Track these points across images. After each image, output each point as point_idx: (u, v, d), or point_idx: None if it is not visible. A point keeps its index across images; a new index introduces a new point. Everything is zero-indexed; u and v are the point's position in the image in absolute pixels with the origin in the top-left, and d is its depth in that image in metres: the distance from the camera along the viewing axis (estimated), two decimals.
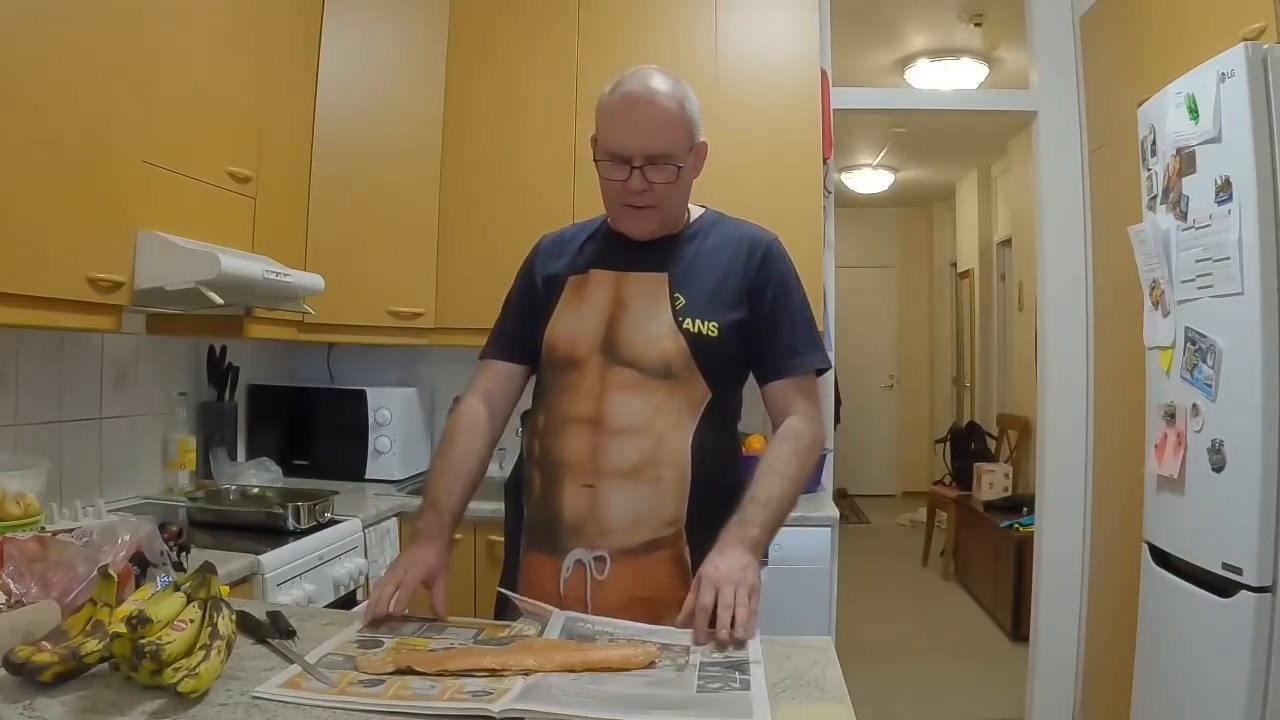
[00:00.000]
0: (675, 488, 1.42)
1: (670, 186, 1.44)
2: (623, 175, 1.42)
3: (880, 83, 4.88)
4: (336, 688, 1.04)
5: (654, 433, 1.42)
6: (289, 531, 2.14)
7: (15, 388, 2.02)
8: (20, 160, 1.58)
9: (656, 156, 1.42)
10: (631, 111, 1.41)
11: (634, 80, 1.43)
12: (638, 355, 1.44)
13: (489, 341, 1.62)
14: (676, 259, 1.50)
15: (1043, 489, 3.21)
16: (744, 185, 2.87)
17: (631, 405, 1.42)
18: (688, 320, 1.45)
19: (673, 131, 1.43)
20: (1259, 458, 1.75)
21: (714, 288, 1.48)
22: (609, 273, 1.50)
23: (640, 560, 1.41)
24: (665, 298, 1.46)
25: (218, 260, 1.89)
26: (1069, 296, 3.16)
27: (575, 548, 1.42)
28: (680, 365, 1.43)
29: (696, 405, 1.45)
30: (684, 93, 1.46)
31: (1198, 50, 2.01)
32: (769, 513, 1.38)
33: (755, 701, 1.01)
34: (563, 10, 2.95)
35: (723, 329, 1.45)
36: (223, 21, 2.18)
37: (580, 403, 1.44)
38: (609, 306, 1.47)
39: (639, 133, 1.41)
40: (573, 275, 1.52)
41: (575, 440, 1.43)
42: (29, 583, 1.23)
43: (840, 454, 3.55)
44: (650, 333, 1.44)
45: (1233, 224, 1.81)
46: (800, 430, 1.49)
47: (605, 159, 1.44)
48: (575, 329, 1.48)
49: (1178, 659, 2.01)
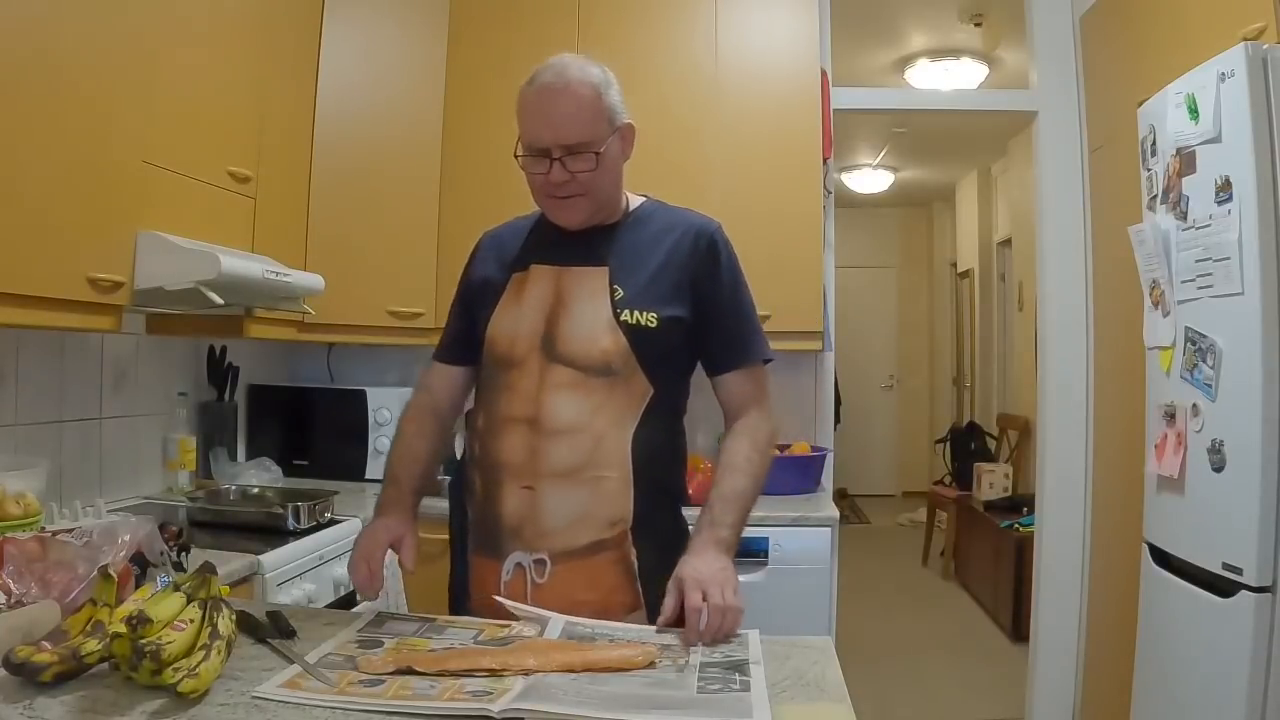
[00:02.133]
0: (617, 488, 1.40)
1: (593, 174, 1.42)
2: (544, 168, 1.41)
3: (880, 83, 4.88)
4: (337, 688, 1.04)
5: (593, 432, 1.40)
6: (289, 531, 2.14)
7: (15, 388, 2.02)
8: (20, 160, 1.58)
9: (575, 146, 1.40)
10: (546, 103, 1.40)
11: (547, 71, 1.42)
12: (576, 353, 1.42)
13: (440, 342, 1.64)
14: (616, 250, 1.48)
15: (1043, 489, 3.21)
16: (744, 185, 2.88)
17: (570, 405, 1.40)
18: (625, 311, 1.42)
19: (589, 119, 1.40)
20: (1259, 458, 1.75)
21: (653, 278, 1.46)
22: (549, 268, 1.48)
23: (583, 562, 1.39)
24: (605, 292, 1.44)
25: (218, 260, 1.89)
26: (1069, 296, 3.16)
27: (514, 550, 1.40)
28: (620, 362, 1.41)
29: (638, 403, 1.43)
30: (600, 78, 1.43)
31: (1198, 50, 2.01)
32: (736, 512, 1.39)
33: (755, 702, 1.01)
34: (563, 10, 2.94)
35: (662, 320, 1.43)
36: (223, 21, 2.17)
37: (518, 403, 1.43)
38: (548, 303, 1.45)
39: (554, 124, 1.39)
40: (515, 272, 1.50)
41: (513, 441, 1.42)
42: (29, 583, 1.23)
43: (840, 454, 3.55)
44: (589, 329, 1.42)
45: (1233, 224, 1.81)
46: (757, 425, 1.49)
47: (526, 153, 1.43)
48: (515, 327, 1.46)
49: (1178, 659, 2.01)
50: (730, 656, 1.16)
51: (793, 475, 2.85)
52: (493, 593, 1.40)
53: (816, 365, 3.22)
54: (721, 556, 1.32)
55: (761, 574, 2.51)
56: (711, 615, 1.22)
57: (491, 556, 1.43)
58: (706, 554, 1.31)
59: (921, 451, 8.05)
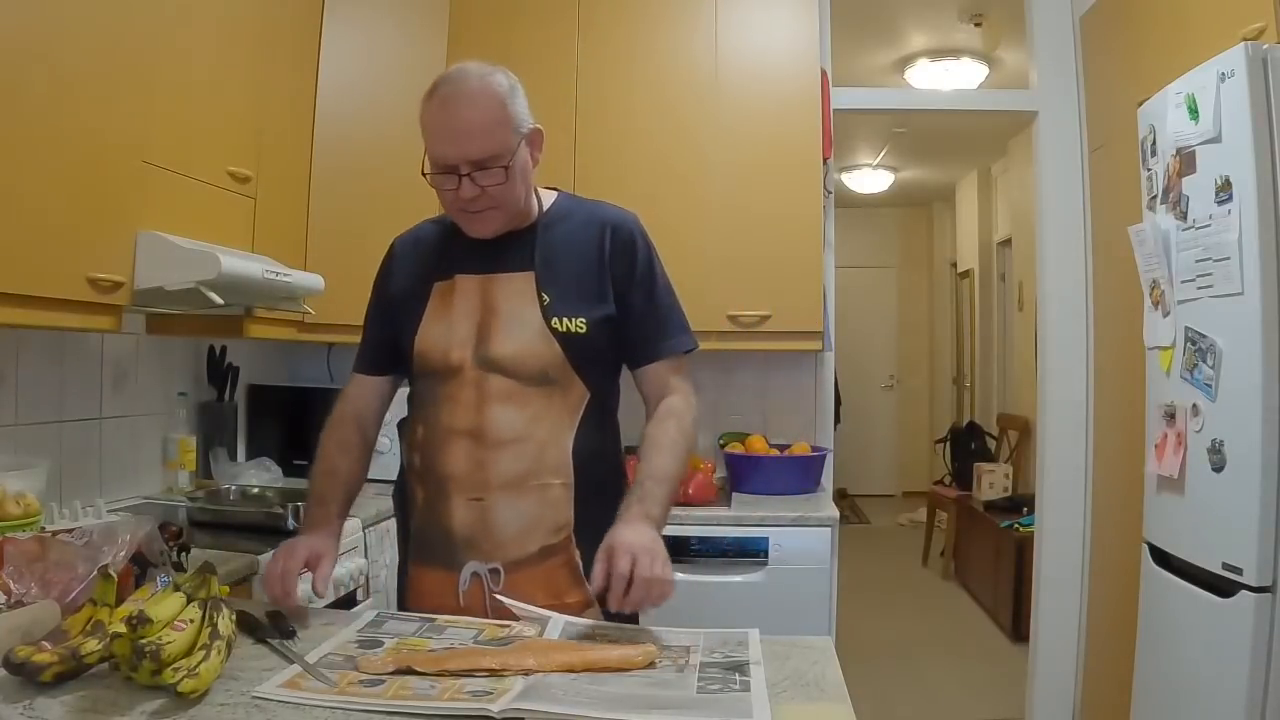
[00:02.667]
0: (561, 494, 1.42)
1: (503, 186, 1.40)
2: (452, 185, 1.39)
3: (880, 83, 4.88)
4: (336, 688, 1.04)
5: (536, 441, 1.42)
6: (289, 531, 2.13)
7: (15, 388, 2.02)
8: (20, 160, 1.58)
9: (483, 161, 1.37)
10: (449, 118, 1.37)
11: (446, 84, 1.38)
12: (512, 363, 1.42)
13: (357, 352, 1.62)
14: (538, 254, 1.47)
15: (1043, 489, 3.21)
16: (744, 185, 2.88)
17: (511, 415, 1.41)
18: (555, 319, 1.43)
19: (494, 132, 1.38)
20: (1259, 458, 1.75)
21: (576, 281, 1.46)
22: (474, 277, 1.47)
23: (535, 569, 1.41)
24: (533, 298, 1.44)
25: (218, 260, 1.89)
26: (1069, 296, 3.16)
27: (470, 560, 1.42)
28: (557, 370, 1.43)
29: (576, 407, 1.45)
30: (504, 86, 1.40)
31: (1198, 50, 2.01)
32: (664, 490, 1.40)
33: (755, 702, 1.01)
34: (563, 10, 2.95)
35: (590, 324, 1.44)
36: (223, 21, 2.17)
37: (459, 414, 1.43)
38: (478, 313, 1.45)
39: (459, 140, 1.36)
40: (438, 281, 1.49)
41: (458, 454, 1.42)
42: (29, 583, 1.23)
43: (840, 454, 3.55)
44: (522, 338, 1.43)
45: (1233, 224, 1.81)
46: (681, 409, 1.50)
47: (433, 170, 1.40)
48: (447, 338, 1.45)
49: (1178, 659, 2.01)
50: (730, 657, 1.16)
51: (793, 475, 2.85)
52: (445, 604, 1.41)
53: (816, 365, 3.23)
54: (651, 529, 1.32)
55: (761, 574, 2.51)
56: (637, 584, 1.23)
57: (443, 567, 1.44)
58: (637, 525, 1.31)
59: (921, 451, 8.05)
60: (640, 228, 1.54)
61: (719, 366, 3.14)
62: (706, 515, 2.56)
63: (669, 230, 3.04)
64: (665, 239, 1.58)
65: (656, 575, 1.25)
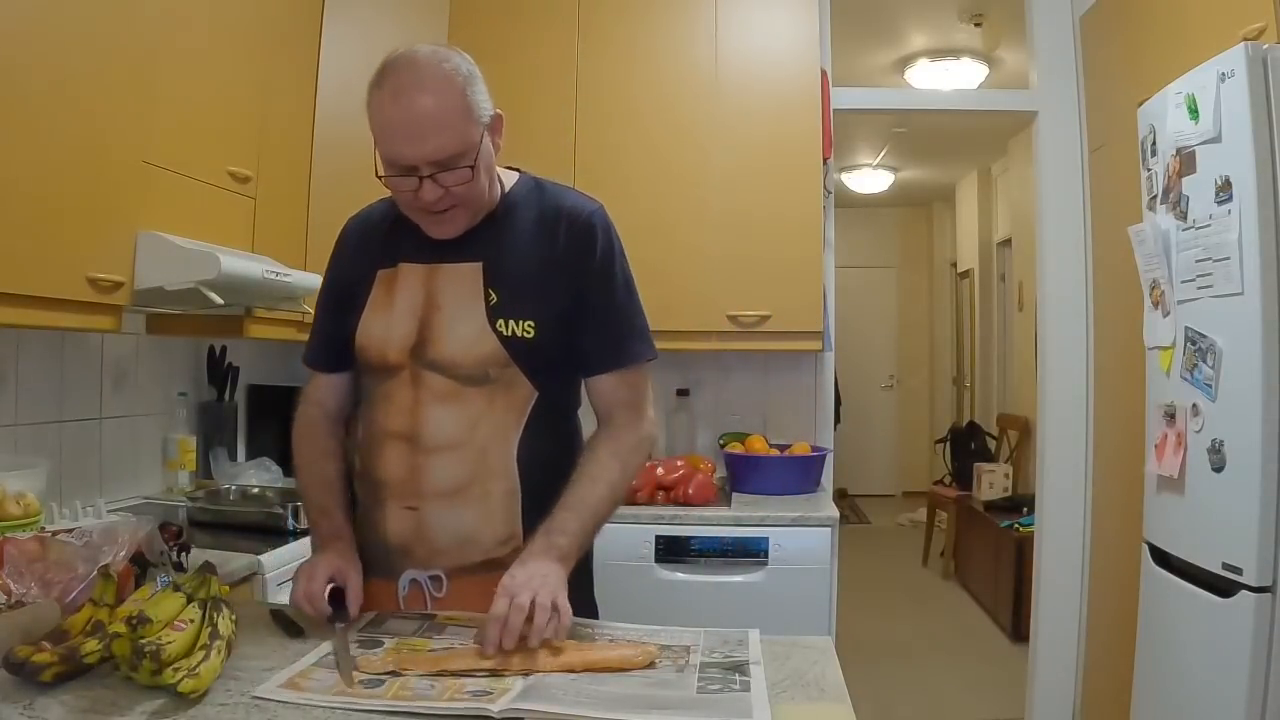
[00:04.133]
0: (504, 502, 1.33)
1: (468, 185, 1.27)
2: (412, 186, 1.26)
3: (880, 83, 4.88)
4: (336, 687, 1.04)
5: (476, 446, 1.31)
6: (289, 531, 2.14)
7: (15, 388, 2.02)
8: (20, 160, 1.58)
9: (446, 161, 1.24)
10: (404, 114, 1.21)
11: (397, 72, 1.23)
12: (450, 361, 1.31)
13: (309, 345, 1.49)
14: (489, 242, 1.35)
15: (1043, 489, 3.21)
16: (744, 185, 2.88)
17: (448, 418, 1.31)
18: (500, 321, 1.31)
19: (458, 128, 1.24)
20: (1259, 458, 1.75)
21: (528, 279, 1.34)
22: (419, 266, 1.35)
23: (481, 579, 1.28)
24: (479, 293, 1.32)
25: (218, 260, 1.89)
26: (1069, 296, 3.16)
27: (407, 568, 1.34)
28: (498, 368, 1.31)
29: (522, 407, 1.33)
30: (463, 71, 1.25)
31: (1198, 50, 2.01)
32: (581, 520, 1.27)
33: (755, 702, 1.01)
34: (563, 10, 2.95)
35: (539, 326, 1.32)
36: (223, 21, 2.17)
37: (395, 416, 1.33)
38: (420, 306, 1.34)
39: (417, 139, 1.22)
40: (381, 270, 1.37)
41: (393, 458, 1.33)
42: (29, 583, 1.23)
43: (840, 454, 3.55)
44: (462, 335, 1.31)
45: (1233, 224, 1.81)
46: (623, 431, 1.37)
47: (389, 172, 1.26)
48: (385, 332, 1.34)
49: (1178, 659, 2.01)
50: (730, 657, 1.16)
51: (793, 475, 2.85)
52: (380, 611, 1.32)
53: (816, 365, 3.23)
54: (547, 563, 1.21)
55: (761, 574, 2.51)
56: (512, 613, 1.11)
57: (382, 576, 1.35)
58: (530, 562, 1.21)
59: (921, 451, 8.05)
60: (603, 218, 1.40)
61: (719, 366, 3.14)
62: (706, 515, 2.56)
63: (669, 230, 3.07)
64: (665, 239, 1.58)
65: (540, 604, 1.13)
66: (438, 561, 1.34)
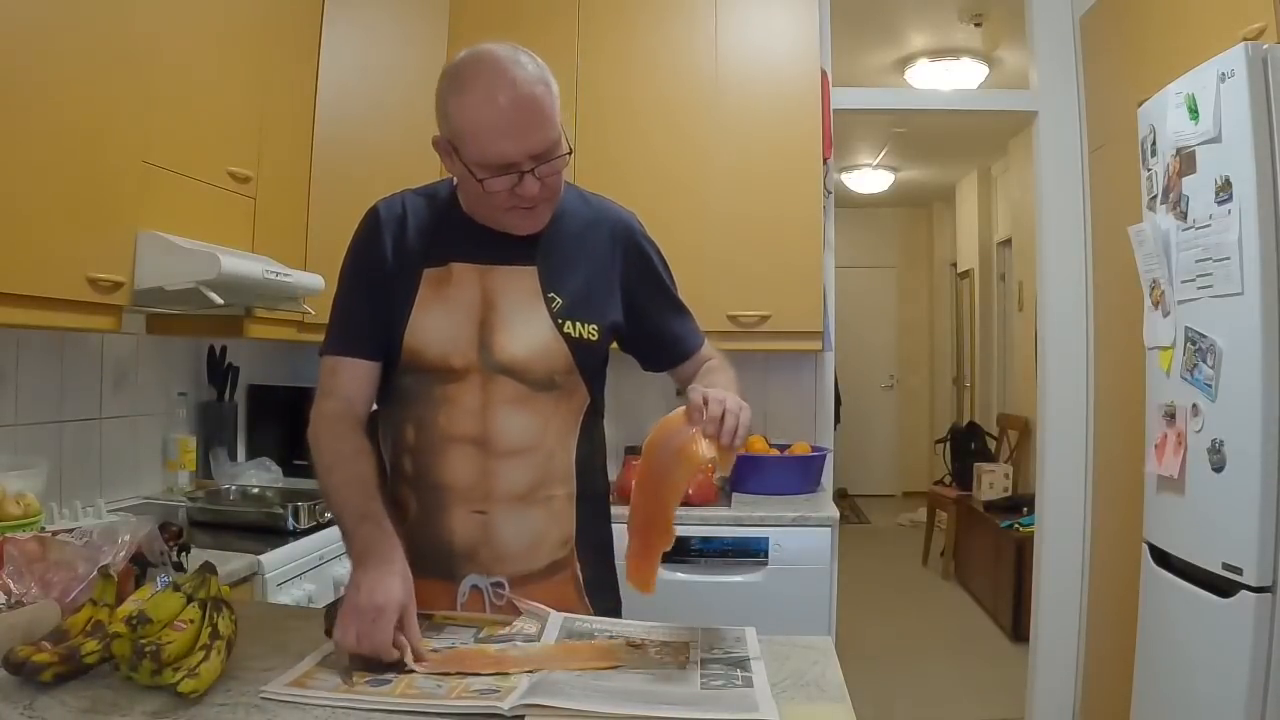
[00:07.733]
0: (565, 505, 1.36)
1: (558, 176, 1.29)
2: (510, 184, 1.25)
3: (880, 83, 4.88)
4: (341, 687, 1.04)
5: (544, 450, 1.34)
6: (289, 531, 2.14)
7: (15, 388, 2.02)
8: (20, 160, 1.58)
9: (544, 153, 1.25)
10: (510, 114, 1.21)
11: (490, 73, 1.22)
12: (520, 365, 1.31)
13: (335, 333, 1.38)
14: (542, 247, 1.35)
15: (1043, 489, 3.21)
16: (744, 185, 2.88)
17: (519, 422, 1.32)
18: (568, 323, 1.33)
19: (553, 119, 1.25)
20: (1259, 458, 1.75)
21: (588, 284, 1.37)
22: (472, 267, 1.33)
23: (542, 584, 1.33)
24: (538, 296, 1.33)
25: (218, 260, 1.89)
26: (1069, 296, 3.16)
27: (469, 573, 1.33)
28: (564, 374, 1.34)
29: (578, 413, 1.38)
30: (542, 66, 1.27)
31: (1198, 50, 2.01)
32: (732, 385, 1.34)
33: (760, 696, 1.02)
34: (563, 10, 2.95)
35: (602, 331, 1.37)
36: (223, 21, 2.17)
37: (461, 420, 1.31)
38: (477, 308, 1.32)
39: (524, 135, 1.22)
40: (429, 269, 1.34)
41: (461, 463, 1.31)
42: (29, 583, 1.23)
43: (840, 454, 3.55)
44: (529, 338, 1.32)
45: (1233, 224, 1.81)
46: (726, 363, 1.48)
47: (485, 174, 1.25)
48: (447, 335, 1.31)
49: (1178, 659, 2.01)
50: (730, 654, 1.16)
51: (793, 475, 2.85)
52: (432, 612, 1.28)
53: (816, 365, 3.23)
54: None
55: (761, 574, 2.51)
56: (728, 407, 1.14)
57: (440, 578, 1.32)
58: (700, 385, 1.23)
59: (921, 451, 8.05)
60: (643, 228, 1.48)
61: None
62: (706, 515, 2.56)
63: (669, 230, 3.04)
64: (665, 239, 1.57)
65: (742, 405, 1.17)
66: (500, 568, 1.33)
